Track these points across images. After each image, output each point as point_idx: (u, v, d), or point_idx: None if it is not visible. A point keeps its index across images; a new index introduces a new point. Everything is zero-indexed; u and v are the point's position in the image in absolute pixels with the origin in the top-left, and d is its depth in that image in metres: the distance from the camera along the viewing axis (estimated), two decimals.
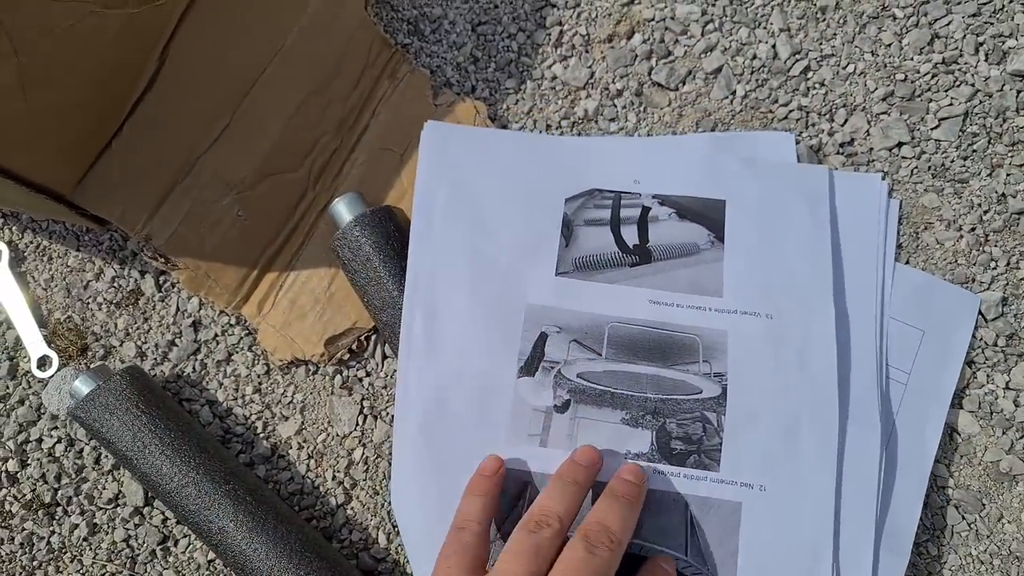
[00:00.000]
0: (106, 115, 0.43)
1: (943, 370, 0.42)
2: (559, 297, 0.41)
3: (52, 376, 0.45)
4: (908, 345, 0.42)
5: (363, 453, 0.43)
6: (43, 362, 0.45)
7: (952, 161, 0.45)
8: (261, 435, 0.44)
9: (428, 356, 0.40)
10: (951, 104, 0.45)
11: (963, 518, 0.41)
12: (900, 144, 0.45)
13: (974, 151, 0.45)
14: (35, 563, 0.43)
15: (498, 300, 0.41)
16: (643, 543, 0.36)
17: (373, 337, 0.44)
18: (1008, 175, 0.44)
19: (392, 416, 0.42)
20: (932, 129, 0.45)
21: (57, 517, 0.43)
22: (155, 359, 0.45)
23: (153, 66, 0.43)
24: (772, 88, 0.46)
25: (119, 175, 0.43)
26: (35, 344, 0.45)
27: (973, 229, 0.44)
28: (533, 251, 0.42)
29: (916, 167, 0.45)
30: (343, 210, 0.43)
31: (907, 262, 0.44)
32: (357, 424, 0.43)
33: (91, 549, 0.43)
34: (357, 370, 0.44)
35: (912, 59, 0.46)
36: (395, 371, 0.42)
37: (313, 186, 0.46)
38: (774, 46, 0.47)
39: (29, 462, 0.44)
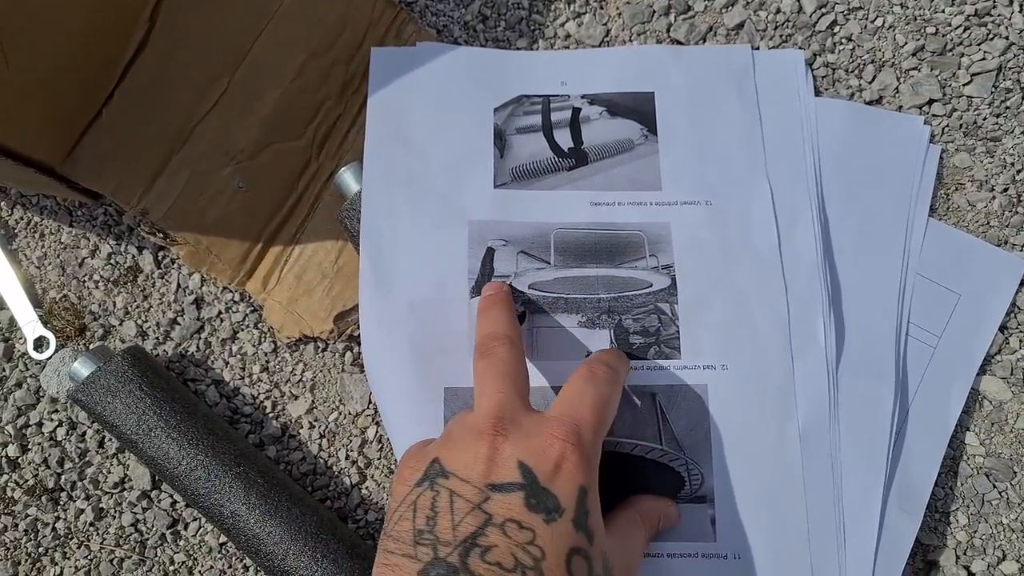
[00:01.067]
0: (95, 82, 0.40)
1: (976, 336, 0.41)
2: (500, 210, 0.41)
3: (50, 358, 0.43)
4: (942, 308, 0.41)
5: (376, 431, 0.42)
6: (40, 343, 0.43)
7: (984, 119, 0.43)
8: (270, 415, 0.42)
9: (380, 291, 0.39)
10: (984, 59, 0.43)
11: (994, 486, 0.40)
12: (931, 101, 0.43)
13: (1007, 108, 0.43)
14: (40, 549, 0.42)
15: (440, 222, 0.40)
16: (618, 439, 0.37)
17: None
18: None
19: None
20: (964, 85, 0.43)
21: (62, 502, 0.42)
22: (157, 338, 0.43)
23: (143, 28, 0.40)
24: (797, 44, 0.44)
25: (111, 146, 0.41)
26: (30, 325, 0.43)
27: (1006, 190, 0.42)
28: (468, 166, 0.41)
29: (947, 125, 0.43)
30: (350, 179, 0.41)
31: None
32: (370, 402, 0.42)
33: (98, 534, 0.42)
34: None
35: (943, 11, 0.44)
36: None
37: (317, 155, 0.43)
38: None
39: (30, 447, 0.42)
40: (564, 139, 0.42)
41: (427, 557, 0.26)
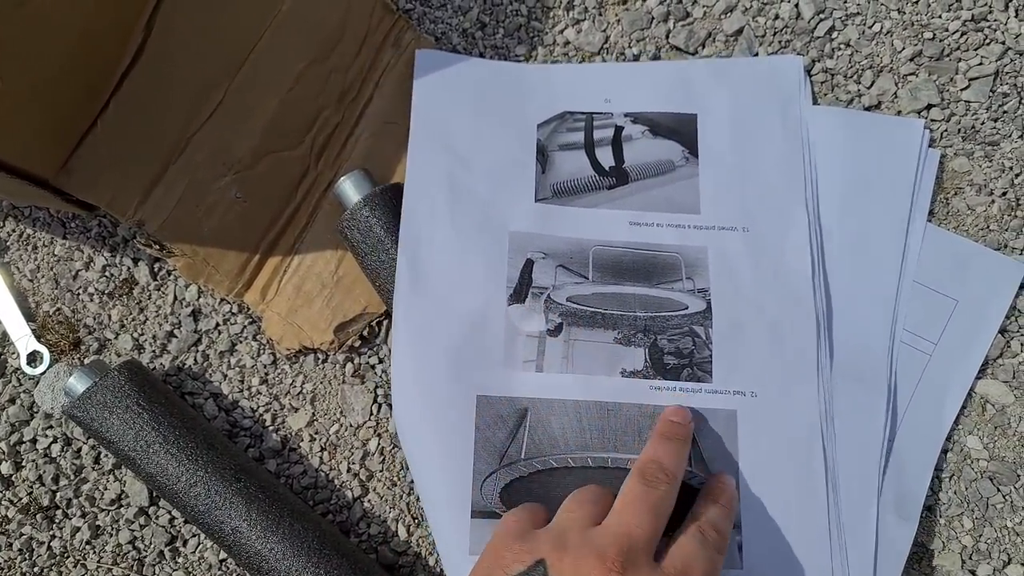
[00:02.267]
0: (90, 92, 0.39)
1: (973, 342, 0.41)
2: (541, 224, 0.41)
3: (44, 373, 0.42)
4: (938, 315, 0.41)
5: (379, 443, 0.41)
6: (33, 358, 0.42)
7: (982, 123, 0.43)
8: (270, 428, 0.42)
9: (417, 293, 0.39)
10: (981, 64, 0.43)
11: (998, 490, 0.40)
12: (929, 106, 0.43)
13: (1005, 112, 0.43)
14: (36, 569, 0.41)
15: (480, 230, 0.40)
16: None
17: (385, 322, 0.42)
18: None
19: None
20: (962, 90, 0.43)
21: (57, 520, 0.41)
22: (153, 352, 0.42)
23: (139, 37, 0.40)
24: (795, 50, 0.44)
25: (106, 157, 0.40)
26: (23, 339, 0.42)
27: (1004, 193, 0.43)
28: (511, 179, 0.42)
29: (946, 130, 0.43)
30: (350, 189, 0.40)
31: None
32: (371, 413, 0.41)
33: (95, 552, 0.41)
34: (369, 357, 0.42)
35: (940, 17, 0.44)
36: None
37: (315, 164, 0.43)
38: (797, 5, 0.44)
39: (24, 464, 0.42)
40: (606, 158, 0.42)
41: None
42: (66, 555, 0.41)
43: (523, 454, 0.37)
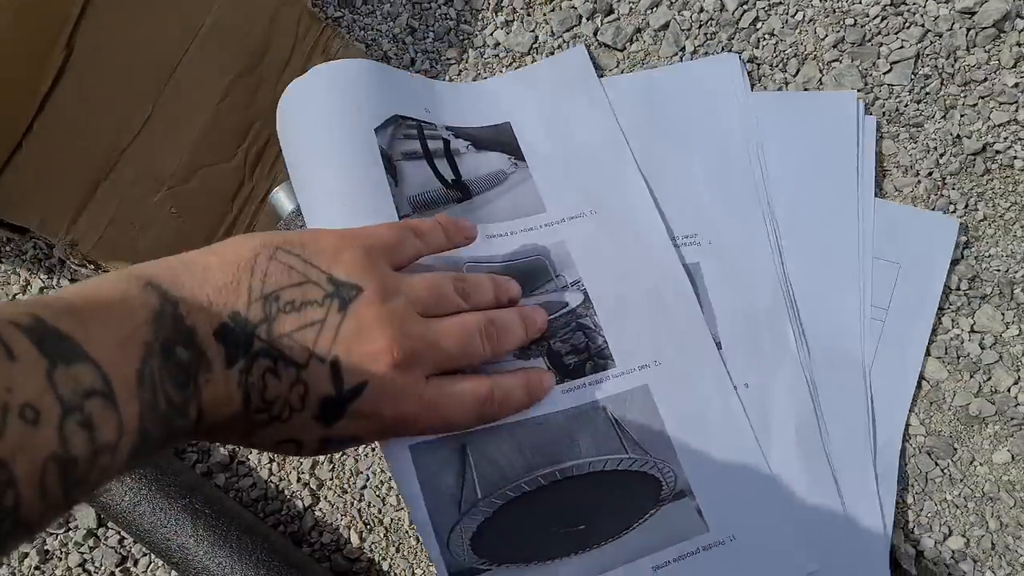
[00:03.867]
0: (12, 114, 0.39)
1: (922, 303, 0.41)
2: None
3: None
4: (885, 281, 0.41)
5: None
6: None
7: (906, 105, 0.44)
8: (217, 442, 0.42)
9: None
10: (902, 47, 0.44)
11: (936, 464, 0.41)
12: (854, 91, 0.44)
13: (927, 94, 0.44)
14: None
15: None
16: (590, 459, 0.37)
17: None
18: (962, 116, 0.44)
19: None
20: (884, 74, 0.44)
21: None
22: None
23: (60, 56, 0.39)
24: (722, 41, 0.45)
25: (34, 178, 0.40)
26: None
27: (930, 173, 0.44)
28: (367, 198, 0.37)
29: (871, 114, 0.44)
30: (284, 199, 0.40)
31: None
32: None
33: None
34: None
35: (860, 2, 0.45)
36: None
37: (250, 175, 0.43)
38: None
39: None
40: (445, 170, 0.41)
41: None
42: None
43: (479, 493, 0.35)
